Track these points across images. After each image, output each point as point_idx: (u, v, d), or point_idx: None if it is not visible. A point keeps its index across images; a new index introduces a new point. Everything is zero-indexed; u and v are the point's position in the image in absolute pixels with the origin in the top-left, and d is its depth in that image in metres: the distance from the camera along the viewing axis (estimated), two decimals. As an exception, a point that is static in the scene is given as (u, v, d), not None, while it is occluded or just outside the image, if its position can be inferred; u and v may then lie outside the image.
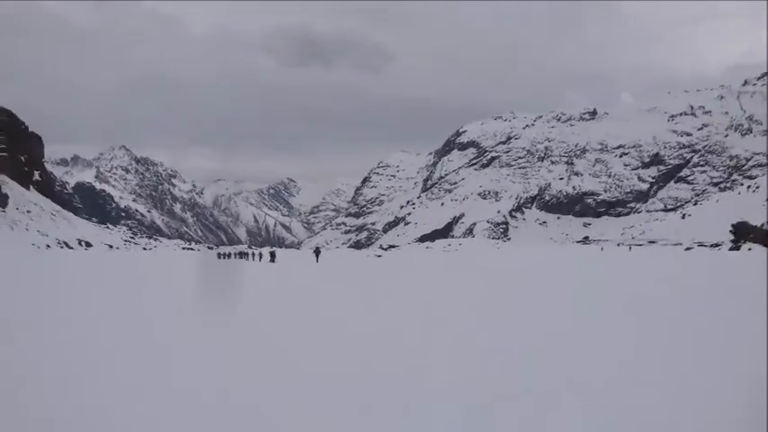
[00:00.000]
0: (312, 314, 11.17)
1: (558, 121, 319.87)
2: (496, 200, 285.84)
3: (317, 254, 41.21)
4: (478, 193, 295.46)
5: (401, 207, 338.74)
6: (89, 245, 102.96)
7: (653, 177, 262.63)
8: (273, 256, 44.57)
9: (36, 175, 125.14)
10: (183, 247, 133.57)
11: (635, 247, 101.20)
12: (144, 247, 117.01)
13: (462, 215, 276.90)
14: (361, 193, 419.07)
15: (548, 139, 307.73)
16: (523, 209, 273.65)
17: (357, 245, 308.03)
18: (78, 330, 8.94)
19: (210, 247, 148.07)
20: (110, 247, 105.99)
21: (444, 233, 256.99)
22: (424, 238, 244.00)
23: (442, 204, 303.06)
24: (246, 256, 54.25)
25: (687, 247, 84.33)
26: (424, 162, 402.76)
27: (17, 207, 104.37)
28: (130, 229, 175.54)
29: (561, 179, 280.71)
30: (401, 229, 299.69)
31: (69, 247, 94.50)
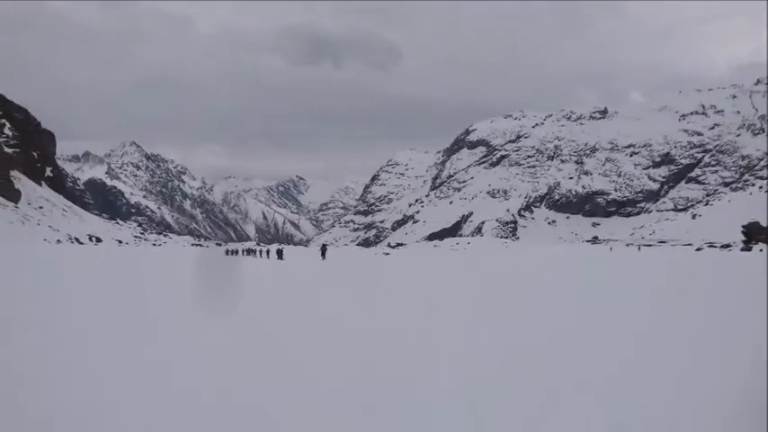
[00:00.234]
0: (313, 312, 11.20)
1: (568, 119, 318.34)
2: (505, 199, 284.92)
3: (323, 251, 41.25)
4: (487, 192, 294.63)
5: (410, 205, 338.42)
6: (99, 240, 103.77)
7: (663, 177, 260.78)
8: (281, 253, 44.68)
9: (48, 172, 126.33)
10: (193, 244, 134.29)
11: (644, 248, 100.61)
12: (153, 243, 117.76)
13: (471, 214, 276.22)
14: (370, 191, 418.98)
15: (557, 138, 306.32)
16: (532, 208, 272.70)
17: (366, 242, 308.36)
18: (82, 324, 9.03)
19: (219, 244, 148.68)
20: (120, 242, 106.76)
21: (453, 232, 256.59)
22: (432, 237, 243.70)
23: (451, 203, 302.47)
24: (254, 252, 54.43)
25: (698, 248, 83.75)
26: (432, 160, 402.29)
27: (29, 202, 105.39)
28: (140, 225, 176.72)
29: (571, 178, 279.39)
30: (409, 228, 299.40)
31: (80, 243, 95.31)
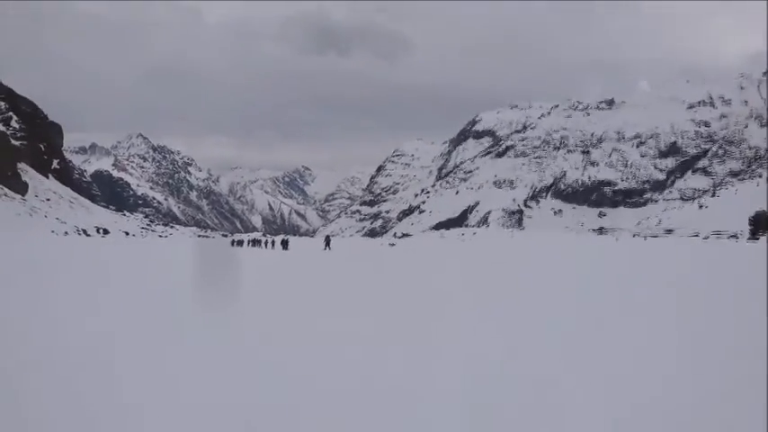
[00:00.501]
0: (314, 304, 11.36)
1: (575, 110, 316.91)
2: (511, 189, 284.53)
3: (327, 242, 41.47)
4: (493, 182, 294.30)
5: (416, 195, 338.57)
6: (106, 232, 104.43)
7: (670, 167, 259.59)
8: (286, 243, 44.90)
9: (55, 164, 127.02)
10: (199, 235, 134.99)
11: (650, 238, 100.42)
12: (160, 235, 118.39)
13: (477, 204, 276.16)
14: (376, 182, 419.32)
15: (564, 128, 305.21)
16: (538, 198, 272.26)
17: (371, 233, 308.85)
18: (97, 311, 9.22)
19: (225, 235, 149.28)
20: (126, 234, 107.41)
21: (459, 222, 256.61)
22: (438, 227, 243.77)
23: (457, 193, 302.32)
24: (259, 243, 54.69)
25: (704, 238, 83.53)
26: (439, 150, 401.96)
27: (36, 195, 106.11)
28: (147, 217, 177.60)
29: (577, 168, 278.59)
30: (415, 218, 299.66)
31: (87, 234, 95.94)
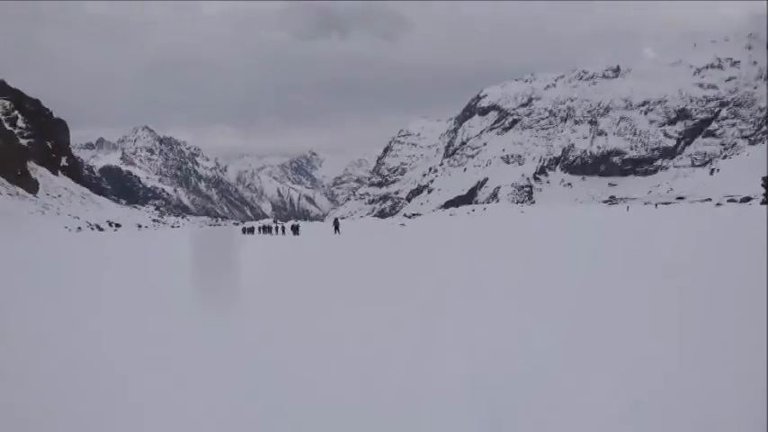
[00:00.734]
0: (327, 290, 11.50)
1: (580, 79, 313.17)
2: (520, 163, 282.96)
3: (336, 226, 41.56)
4: (501, 157, 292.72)
5: (424, 175, 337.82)
6: (119, 225, 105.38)
7: (680, 133, 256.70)
8: (296, 229, 45.11)
9: (63, 161, 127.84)
10: (210, 224, 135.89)
11: (662, 206, 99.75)
12: (172, 226, 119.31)
13: (486, 180, 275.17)
14: (384, 163, 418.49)
15: (570, 99, 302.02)
16: (547, 171, 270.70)
17: (381, 214, 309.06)
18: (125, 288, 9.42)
19: (236, 223, 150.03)
20: (139, 226, 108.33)
21: (468, 199, 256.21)
22: (448, 205, 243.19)
23: (465, 170, 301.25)
24: (270, 230, 55.01)
25: (717, 203, 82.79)
26: (445, 128, 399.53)
27: (47, 192, 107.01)
28: (158, 209, 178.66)
29: (585, 139, 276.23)
30: (425, 197, 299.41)
31: (100, 229, 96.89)
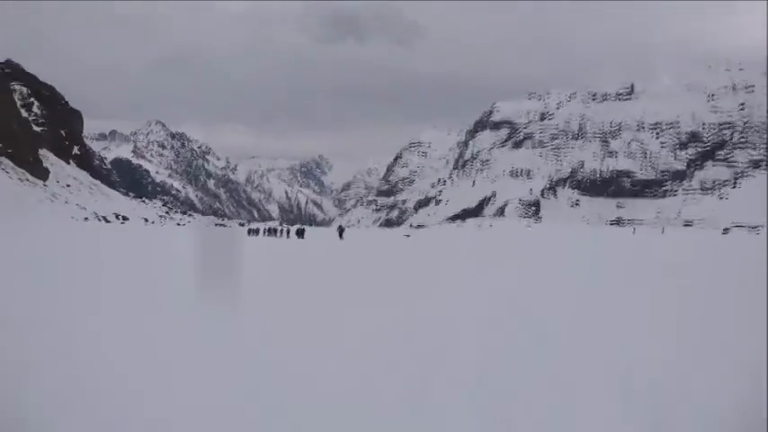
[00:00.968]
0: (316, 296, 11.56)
1: (594, 99, 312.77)
2: (528, 179, 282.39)
3: (340, 233, 41.71)
4: (510, 173, 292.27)
5: (432, 186, 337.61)
6: (126, 219, 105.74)
7: (690, 156, 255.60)
8: (301, 233, 45.29)
9: (75, 150, 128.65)
10: (216, 223, 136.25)
11: (668, 229, 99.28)
12: (178, 223, 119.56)
13: (494, 194, 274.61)
14: (393, 171, 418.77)
15: (582, 118, 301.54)
16: (556, 188, 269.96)
17: (387, 223, 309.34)
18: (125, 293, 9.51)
19: (242, 224, 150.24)
20: (145, 221, 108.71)
21: (475, 212, 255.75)
22: (454, 218, 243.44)
23: (474, 183, 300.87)
24: (275, 232, 55.16)
25: (725, 229, 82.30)
26: (455, 140, 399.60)
27: (57, 180, 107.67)
28: (165, 204, 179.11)
29: (595, 158, 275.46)
30: (432, 208, 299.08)
31: (107, 221, 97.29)
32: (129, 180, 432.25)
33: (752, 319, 8.02)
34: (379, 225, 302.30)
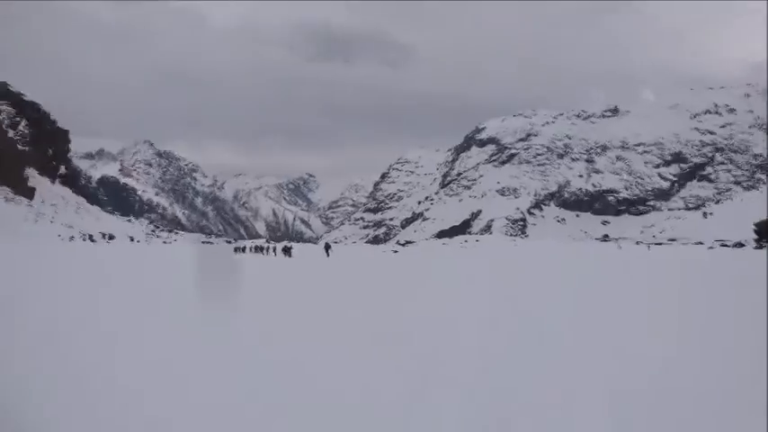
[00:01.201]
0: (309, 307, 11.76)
1: (579, 118, 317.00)
2: (515, 197, 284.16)
3: (326, 249, 41.81)
4: (497, 190, 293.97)
5: (419, 203, 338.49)
6: (112, 237, 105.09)
7: (674, 175, 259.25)
8: (287, 250, 45.34)
9: (62, 169, 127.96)
10: (203, 241, 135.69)
11: (654, 246, 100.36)
12: (164, 241, 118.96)
13: (480, 212, 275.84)
14: (380, 189, 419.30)
15: (568, 137, 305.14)
16: (542, 206, 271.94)
17: (375, 240, 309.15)
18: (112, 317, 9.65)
19: (229, 241, 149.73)
20: (132, 239, 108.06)
21: (462, 229, 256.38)
22: (441, 235, 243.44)
23: (460, 200, 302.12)
24: (262, 250, 55.23)
25: (709, 247, 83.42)
26: (443, 158, 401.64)
27: (43, 200, 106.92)
28: (152, 222, 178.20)
29: (581, 177, 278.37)
30: (419, 225, 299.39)
31: (92, 240, 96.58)
32: (116, 199, 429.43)
33: (753, 320, 8.36)
34: (367, 242, 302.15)
